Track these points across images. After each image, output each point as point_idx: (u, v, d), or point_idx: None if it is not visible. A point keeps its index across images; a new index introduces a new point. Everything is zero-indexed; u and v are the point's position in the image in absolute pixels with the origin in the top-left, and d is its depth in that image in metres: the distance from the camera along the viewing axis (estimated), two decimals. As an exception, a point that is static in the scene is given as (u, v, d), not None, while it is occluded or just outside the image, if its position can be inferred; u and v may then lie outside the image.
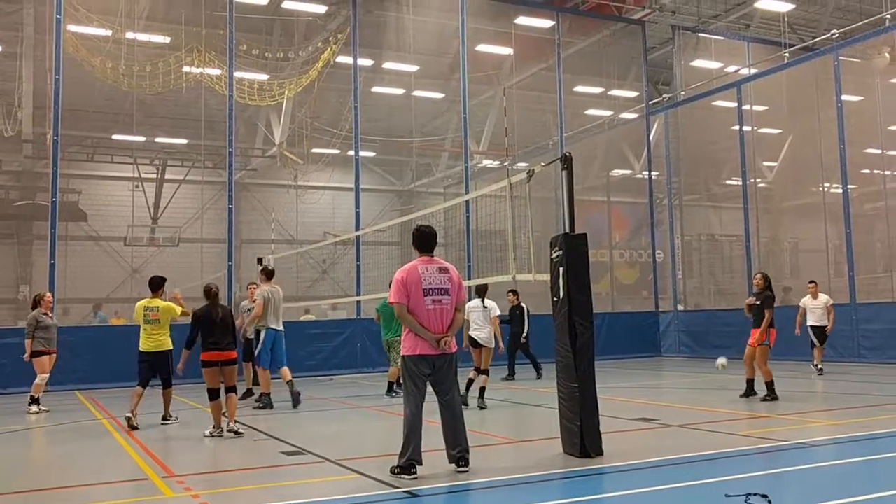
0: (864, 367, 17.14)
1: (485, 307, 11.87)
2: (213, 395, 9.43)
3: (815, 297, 15.79)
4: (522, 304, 16.67)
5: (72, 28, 18.95)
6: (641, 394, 13.46)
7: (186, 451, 8.74)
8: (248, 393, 13.74)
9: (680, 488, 6.08)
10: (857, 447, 7.75)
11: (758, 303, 11.72)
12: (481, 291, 12.09)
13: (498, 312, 12.16)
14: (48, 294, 13.12)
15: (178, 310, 10.84)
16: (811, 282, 16.25)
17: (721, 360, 13.89)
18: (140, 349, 10.63)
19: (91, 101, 21.72)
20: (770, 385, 11.32)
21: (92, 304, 21.57)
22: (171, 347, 10.76)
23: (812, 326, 15.77)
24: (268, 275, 12.61)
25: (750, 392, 11.66)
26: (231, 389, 9.63)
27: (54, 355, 12.84)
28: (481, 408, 11.10)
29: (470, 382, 11.57)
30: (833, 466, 6.86)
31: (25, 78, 20.93)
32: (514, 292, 16.70)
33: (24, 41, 20.85)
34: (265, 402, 12.06)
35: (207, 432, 9.32)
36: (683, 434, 8.72)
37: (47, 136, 19.05)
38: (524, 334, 16.49)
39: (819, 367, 15.55)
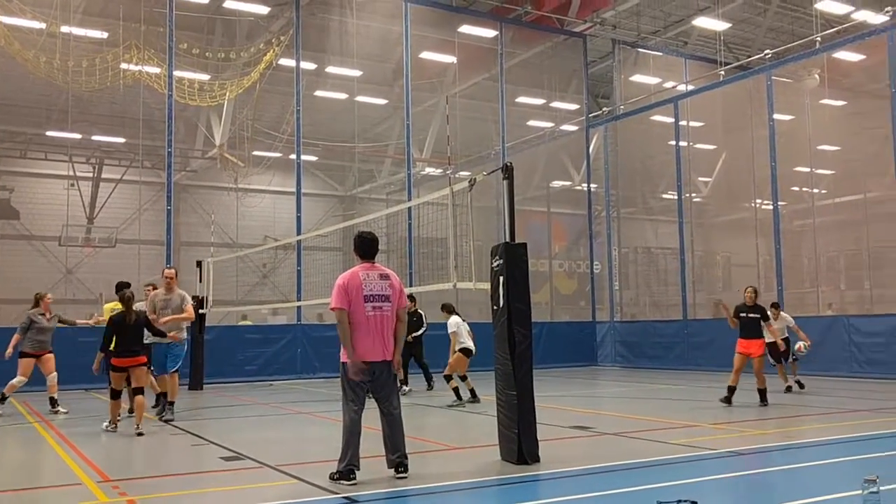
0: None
1: (463, 320, 13.45)
2: (116, 395, 9.89)
3: (776, 318, 15.45)
4: (420, 311, 16.15)
5: (3, 20, 18.41)
6: (578, 402, 13.74)
7: (122, 455, 8.59)
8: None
9: (614, 495, 6.25)
10: (784, 455, 8.07)
11: (756, 315, 12.12)
12: (451, 308, 13.72)
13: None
14: (49, 295, 12.67)
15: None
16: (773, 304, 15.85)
17: (800, 344, 13.87)
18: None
19: (24, 95, 21.13)
20: (763, 392, 11.92)
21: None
22: None
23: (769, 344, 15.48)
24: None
25: (730, 398, 11.95)
26: (139, 391, 9.88)
27: (50, 355, 12.44)
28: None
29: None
30: (760, 474, 7.13)
31: (-46, 70, 20.22)
32: (412, 298, 16.29)
33: (-47, 32, 20.12)
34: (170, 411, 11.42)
35: (104, 426, 9.89)
36: (618, 442, 8.94)
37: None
38: (417, 334, 15.76)
39: (787, 384, 14.60)
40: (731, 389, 12.03)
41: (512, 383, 7.50)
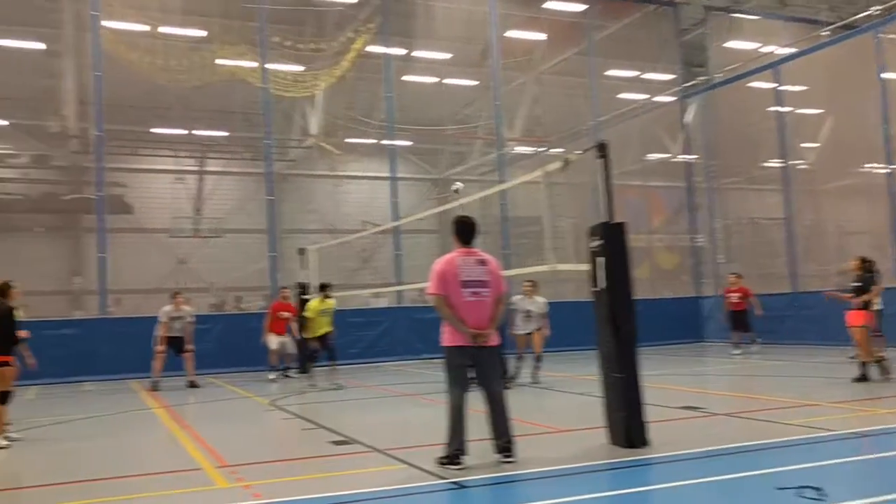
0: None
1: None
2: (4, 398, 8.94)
3: None
4: None
5: (109, 24, 19.28)
6: (686, 381, 13.41)
7: (237, 440, 8.93)
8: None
9: (729, 480, 6.07)
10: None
11: (859, 284, 11.54)
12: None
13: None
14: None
15: None
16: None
17: None
18: None
19: (132, 95, 22.06)
20: (865, 365, 11.20)
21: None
22: None
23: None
24: None
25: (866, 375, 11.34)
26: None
27: None
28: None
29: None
30: (888, 458, 6.79)
31: (68, 75, 21.34)
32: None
33: (65, 39, 21.24)
34: None
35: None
36: (731, 423, 8.69)
37: (90, 132, 19.43)
38: None
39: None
40: (864, 365, 11.42)
41: (616, 365, 7.40)
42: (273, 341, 15.65)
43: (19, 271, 10.88)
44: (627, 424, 7.24)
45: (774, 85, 22.10)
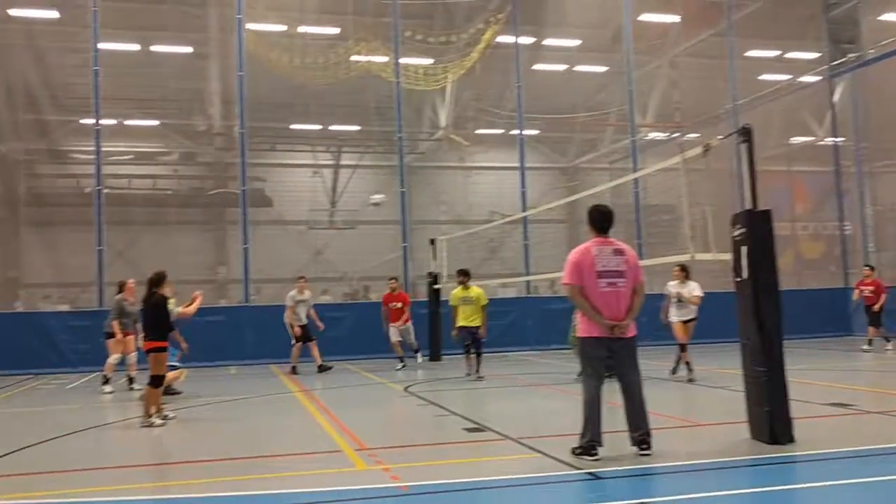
0: None
1: None
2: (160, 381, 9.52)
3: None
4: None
5: (251, 26, 20.21)
6: (834, 377, 12.70)
7: (374, 425, 9.21)
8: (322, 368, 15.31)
9: (882, 482, 5.70)
10: None
11: None
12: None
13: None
14: (130, 281, 13.71)
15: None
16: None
17: None
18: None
19: (271, 93, 23.04)
20: None
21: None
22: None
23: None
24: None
25: None
26: None
27: (132, 337, 13.28)
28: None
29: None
30: None
31: (213, 76, 22.54)
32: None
33: (211, 42, 22.43)
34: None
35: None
36: (884, 421, 8.18)
37: (234, 129, 20.47)
38: None
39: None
40: None
41: (760, 358, 7.10)
42: (393, 333, 15.93)
43: (169, 262, 11.66)
44: (771, 420, 6.94)
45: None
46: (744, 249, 7.33)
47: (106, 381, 13.24)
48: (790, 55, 24.70)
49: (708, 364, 15.03)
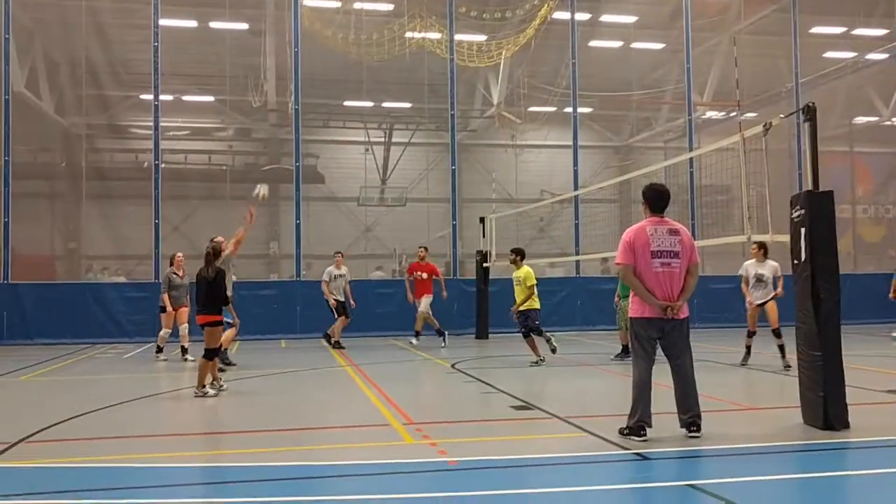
0: None
1: None
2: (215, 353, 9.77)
3: None
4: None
5: (307, 3, 20.31)
6: (891, 364, 12.37)
7: (421, 400, 9.30)
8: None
9: (942, 470, 5.58)
10: None
11: None
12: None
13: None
14: (179, 255, 14.06)
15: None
16: None
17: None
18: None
19: (325, 70, 23.16)
20: None
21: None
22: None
23: None
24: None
25: None
26: None
27: (185, 309, 13.70)
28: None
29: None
30: None
31: (269, 53, 22.74)
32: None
33: (267, 18, 22.60)
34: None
35: None
36: (944, 410, 7.96)
37: (289, 105, 20.66)
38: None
39: None
40: None
41: (816, 343, 6.95)
42: (422, 303, 15.61)
43: (224, 236, 11.83)
44: (825, 405, 6.80)
45: None
46: (803, 231, 7.16)
47: (159, 350, 13.72)
48: (856, 32, 23.87)
49: (762, 347, 14.78)
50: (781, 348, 11.25)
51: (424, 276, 15.78)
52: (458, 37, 20.84)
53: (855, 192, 24.01)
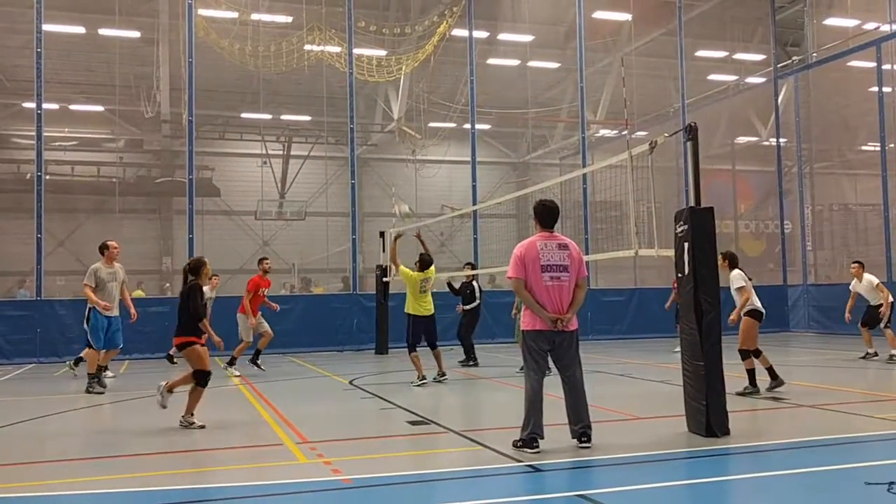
0: None
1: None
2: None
3: (859, 279, 13.99)
4: (474, 283, 15.33)
5: (202, 12, 19.85)
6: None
7: (317, 417, 9.15)
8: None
9: (814, 473, 5.88)
10: None
11: None
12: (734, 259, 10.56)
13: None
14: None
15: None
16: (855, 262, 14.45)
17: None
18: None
19: (221, 81, 22.72)
20: None
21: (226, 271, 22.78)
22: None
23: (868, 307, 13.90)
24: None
25: None
26: None
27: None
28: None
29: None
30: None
31: (162, 62, 22.10)
32: (471, 265, 15.83)
33: (160, 27, 21.98)
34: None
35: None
36: (816, 415, 8.43)
37: (183, 117, 20.11)
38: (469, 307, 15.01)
39: (869, 351, 13.82)
40: None
41: (699, 353, 7.24)
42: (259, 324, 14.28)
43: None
44: (708, 413, 7.09)
45: (875, 64, 21.09)
46: (686, 246, 7.46)
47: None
48: (738, 56, 25.21)
49: (650, 358, 15.32)
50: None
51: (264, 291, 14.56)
52: (357, 51, 20.80)
53: (737, 209, 25.25)
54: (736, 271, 10.18)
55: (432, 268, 12.10)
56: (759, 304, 10.18)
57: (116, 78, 22.27)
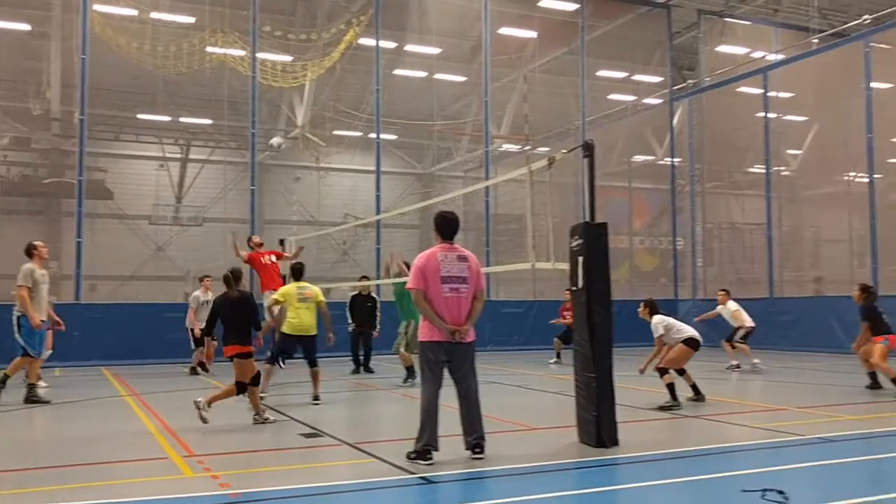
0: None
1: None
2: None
3: (724, 304, 15.51)
4: (374, 296, 15.82)
5: (98, 8, 19.10)
6: (659, 383, 13.41)
7: (207, 430, 8.85)
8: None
9: (696, 481, 6.10)
10: (877, 444, 7.71)
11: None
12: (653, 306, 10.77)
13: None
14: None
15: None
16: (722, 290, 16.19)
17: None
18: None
19: (117, 80, 21.89)
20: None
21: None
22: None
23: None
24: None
25: (875, 384, 11.40)
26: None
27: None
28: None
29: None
30: (851, 463, 6.82)
31: (53, 57, 21.13)
32: (367, 277, 16.22)
33: (53, 21, 21.02)
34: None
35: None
36: (701, 425, 8.74)
37: (74, 115, 19.25)
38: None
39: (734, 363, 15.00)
40: (870, 375, 11.55)
41: (591, 365, 7.39)
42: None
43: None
44: (598, 424, 7.24)
45: (762, 91, 22.23)
46: (580, 259, 7.62)
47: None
48: (636, 77, 26.09)
49: (547, 369, 15.58)
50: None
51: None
52: (261, 55, 20.42)
53: (633, 225, 26.06)
54: (656, 318, 10.42)
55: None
56: (693, 333, 10.35)
57: (2, 72, 21.12)
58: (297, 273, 11.07)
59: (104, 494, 5.81)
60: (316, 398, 10.56)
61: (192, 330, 14.72)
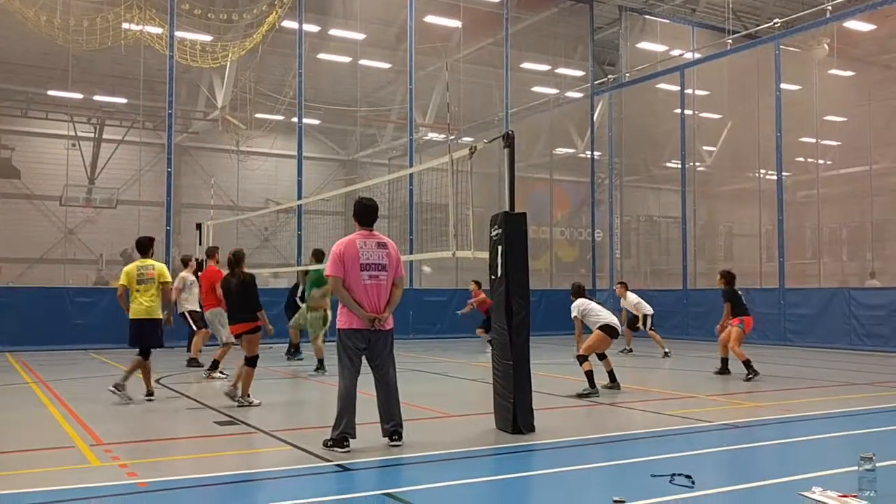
0: (790, 349, 17.80)
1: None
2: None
3: (624, 297, 16.38)
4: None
5: (4, -24, 18.19)
6: (576, 371, 13.67)
7: (117, 419, 8.59)
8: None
9: (608, 467, 6.27)
10: (780, 429, 8.06)
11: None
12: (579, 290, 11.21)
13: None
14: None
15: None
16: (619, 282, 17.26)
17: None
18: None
19: (25, 54, 20.90)
20: (747, 364, 11.63)
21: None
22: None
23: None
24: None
25: (724, 370, 12.40)
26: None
27: None
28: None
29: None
30: (755, 448, 7.11)
31: (-46, 28, 20.00)
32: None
33: (-47, -12, 19.87)
34: None
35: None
36: (613, 412, 8.96)
37: (-23, 90, 18.31)
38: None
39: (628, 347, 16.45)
40: (722, 360, 12.59)
41: (508, 353, 7.47)
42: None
43: None
44: (514, 411, 7.33)
45: (679, 87, 22.85)
46: (500, 249, 7.68)
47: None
48: (559, 71, 26.43)
49: (467, 357, 15.70)
50: None
51: None
52: (179, 34, 19.82)
53: (554, 216, 26.46)
54: (578, 300, 10.88)
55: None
56: (610, 320, 10.49)
57: None
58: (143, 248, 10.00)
59: (6, 485, 5.57)
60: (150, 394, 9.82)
61: (190, 314, 13.72)
